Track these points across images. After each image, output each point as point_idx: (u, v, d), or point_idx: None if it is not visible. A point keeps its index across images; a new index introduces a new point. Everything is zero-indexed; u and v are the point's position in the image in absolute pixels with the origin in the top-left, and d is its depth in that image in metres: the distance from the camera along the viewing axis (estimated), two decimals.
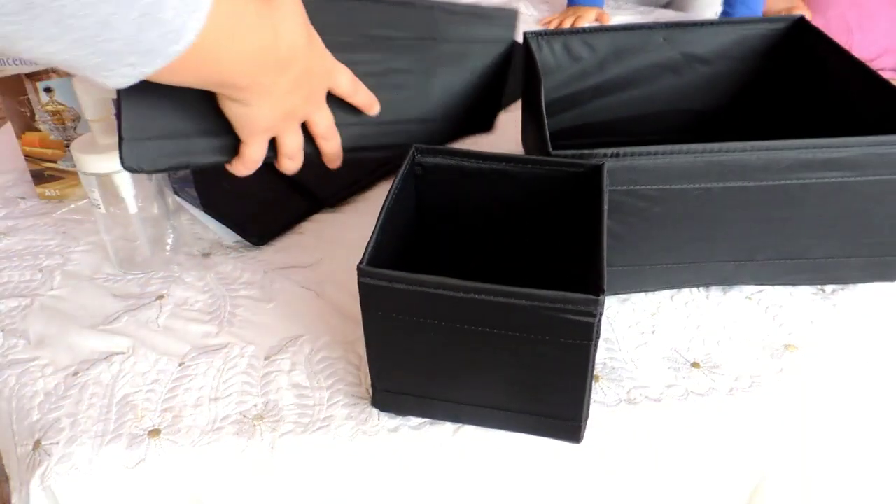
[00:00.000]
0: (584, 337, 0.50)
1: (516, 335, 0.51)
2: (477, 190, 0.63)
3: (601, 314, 0.49)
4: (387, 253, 0.56)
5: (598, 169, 0.59)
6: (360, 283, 0.52)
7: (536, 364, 0.52)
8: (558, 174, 0.61)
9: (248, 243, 0.79)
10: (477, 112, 0.76)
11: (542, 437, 0.58)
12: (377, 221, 0.55)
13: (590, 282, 0.52)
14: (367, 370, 0.59)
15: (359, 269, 0.52)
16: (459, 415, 0.58)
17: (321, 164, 0.65)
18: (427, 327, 0.53)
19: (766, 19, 0.83)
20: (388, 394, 0.59)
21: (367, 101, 0.64)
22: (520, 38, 0.79)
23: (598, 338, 0.51)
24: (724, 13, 1.33)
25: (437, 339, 0.53)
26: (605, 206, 0.56)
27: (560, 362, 0.52)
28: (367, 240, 0.53)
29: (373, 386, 0.59)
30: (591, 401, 0.58)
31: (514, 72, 0.77)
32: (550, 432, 0.57)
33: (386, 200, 0.57)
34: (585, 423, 0.57)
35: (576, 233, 0.62)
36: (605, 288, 0.48)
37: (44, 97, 0.80)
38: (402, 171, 0.60)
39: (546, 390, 0.54)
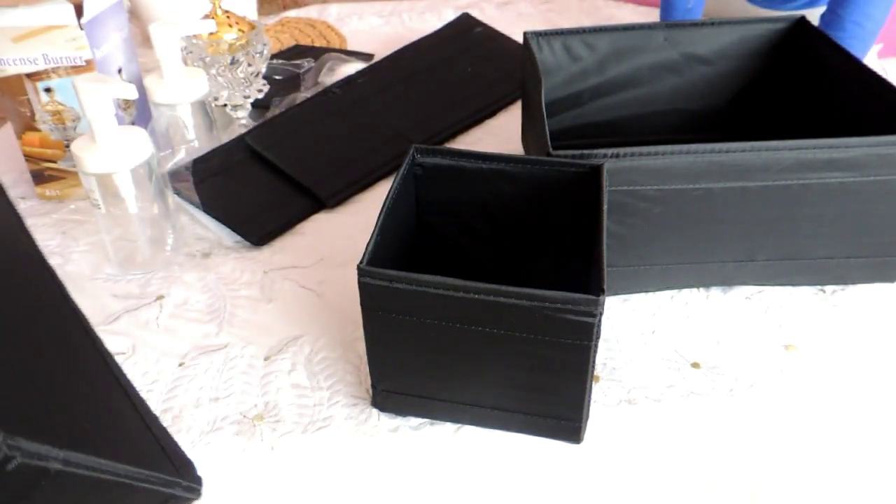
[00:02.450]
0: (584, 337, 0.50)
1: (516, 335, 0.51)
2: (477, 190, 0.63)
3: (601, 314, 0.49)
4: (387, 253, 0.56)
5: (597, 169, 0.59)
6: (360, 283, 0.52)
7: (536, 364, 0.52)
8: (558, 174, 0.61)
9: (248, 243, 0.79)
10: None
11: (542, 438, 0.58)
12: (377, 221, 0.55)
13: (590, 282, 0.52)
14: (368, 370, 0.59)
15: (359, 268, 0.52)
16: (459, 415, 0.58)
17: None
18: (427, 327, 0.52)
19: (766, 19, 0.83)
20: (388, 394, 0.59)
21: None
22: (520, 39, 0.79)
23: (598, 338, 0.51)
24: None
25: (437, 339, 0.53)
26: (605, 207, 0.56)
27: (560, 362, 0.52)
28: (367, 240, 0.53)
29: (373, 386, 0.59)
30: (591, 401, 0.58)
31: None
32: (550, 432, 0.57)
33: (386, 200, 0.57)
34: (585, 424, 0.57)
35: (576, 233, 0.62)
36: (606, 288, 0.48)
37: (44, 97, 0.80)
38: (401, 171, 0.60)
39: (546, 390, 0.54)
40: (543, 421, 0.57)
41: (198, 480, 0.48)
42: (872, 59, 1.08)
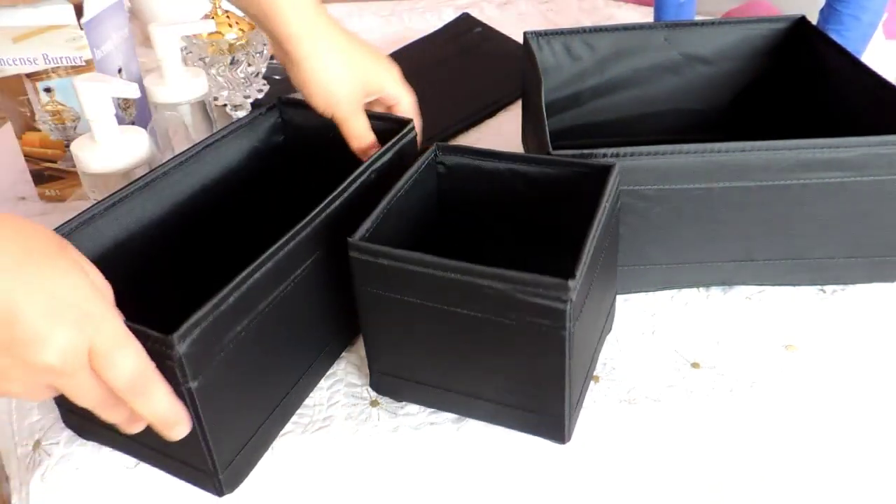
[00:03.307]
0: (557, 323, 0.49)
1: (492, 318, 0.50)
2: (493, 188, 0.64)
3: (573, 301, 0.48)
4: (404, 247, 0.55)
5: (607, 168, 0.59)
6: (350, 258, 0.52)
7: (515, 352, 0.52)
8: (569, 173, 0.61)
9: None
10: None
11: (526, 434, 0.57)
12: (380, 203, 0.55)
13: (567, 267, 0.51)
14: (368, 371, 0.59)
15: (349, 241, 0.52)
16: (450, 403, 0.58)
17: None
18: (412, 307, 0.52)
19: (766, 19, 0.83)
20: (383, 376, 0.59)
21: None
22: (520, 39, 0.79)
23: (574, 327, 0.50)
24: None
25: (421, 320, 0.53)
26: (606, 203, 0.55)
27: (537, 351, 0.51)
28: None
29: (370, 367, 0.59)
30: (591, 401, 0.58)
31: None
32: (535, 429, 0.56)
33: (395, 188, 0.57)
34: (572, 423, 0.55)
35: (582, 230, 0.62)
36: (578, 274, 0.48)
37: (44, 97, 0.80)
38: (417, 165, 0.61)
39: (526, 382, 0.53)
40: (528, 416, 0.55)
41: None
42: (879, 41, 1.07)
